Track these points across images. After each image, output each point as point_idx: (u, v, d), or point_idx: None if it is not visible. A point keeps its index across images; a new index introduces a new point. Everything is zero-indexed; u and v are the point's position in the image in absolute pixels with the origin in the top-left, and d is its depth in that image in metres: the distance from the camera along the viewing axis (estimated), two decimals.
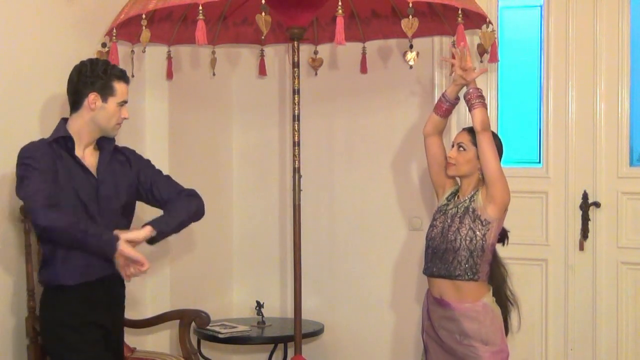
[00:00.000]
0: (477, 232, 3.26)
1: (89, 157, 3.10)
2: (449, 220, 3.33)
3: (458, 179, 3.42)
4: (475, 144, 3.29)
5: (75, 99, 3.06)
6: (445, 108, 3.42)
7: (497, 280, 3.39)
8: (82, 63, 3.10)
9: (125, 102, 3.10)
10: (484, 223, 3.27)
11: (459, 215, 3.31)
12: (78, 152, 3.06)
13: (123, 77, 3.10)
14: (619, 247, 4.19)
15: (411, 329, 4.46)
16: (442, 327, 3.34)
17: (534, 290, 4.30)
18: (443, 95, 3.42)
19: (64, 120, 3.13)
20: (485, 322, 3.27)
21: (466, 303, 3.27)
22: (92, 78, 3.03)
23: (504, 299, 3.41)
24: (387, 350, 4.60)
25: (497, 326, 3.30)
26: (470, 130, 3.33)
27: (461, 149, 3.33)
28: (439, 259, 3.32)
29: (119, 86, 3.06)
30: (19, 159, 3.00)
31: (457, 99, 3.41)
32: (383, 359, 4.62)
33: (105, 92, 3.04)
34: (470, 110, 3.28)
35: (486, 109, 3.28)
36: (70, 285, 3.02)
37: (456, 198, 3.39)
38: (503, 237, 3.42)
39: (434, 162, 3.47)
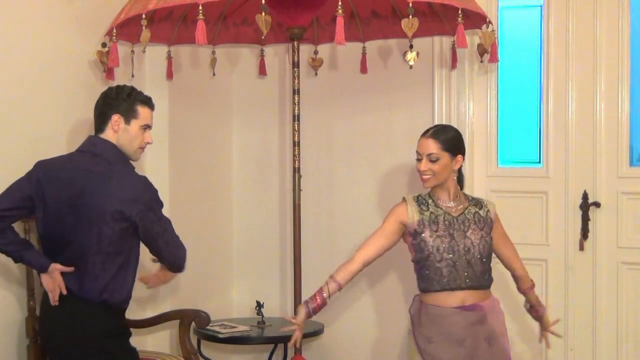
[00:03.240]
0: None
1: None
2: (463, 228, 3.24)
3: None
4: (445, 149, 3.22)
5: (100, 120, 3.16)
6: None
7: None
8: (109, 87, 3.23)
9: (148, 126, 3.18)
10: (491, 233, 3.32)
11: (475, 222, 3.26)
12: None
13: (147, 102, 3.19)
14: (619, 247, 4.19)
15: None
16: (469, 335, 3.21)
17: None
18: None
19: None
20: (502, 316, 3.35)
21: (487, 300, 3.29)
22: (116, 100, 3.13)
23: None
24: (387, 350, 4.60)
25: None
26: (434, 136, 3.23)
27: (434, 160, 3.21)
28: (467, 270, 3.22)
29: (142, 110, 3.16)
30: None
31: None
32: (383, 359, 4.62)
33: (129, 115, 3.12)
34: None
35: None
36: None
37: (438, 202, 3.28)
38: None
39: (383, 244, 3.35)
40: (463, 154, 3.29)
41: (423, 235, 3.25)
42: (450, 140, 3.25)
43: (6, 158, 3.48)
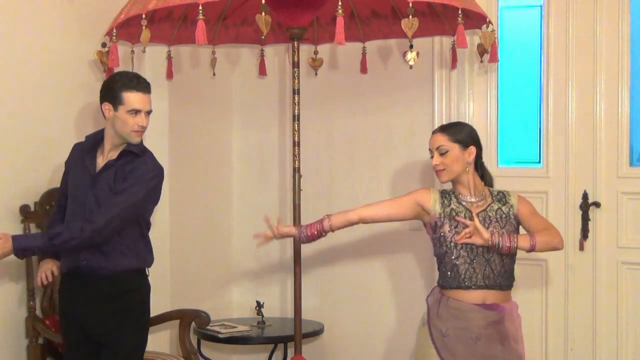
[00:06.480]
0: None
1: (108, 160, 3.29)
2: (483, 225, 3.16)
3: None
4: (454, 141, 3.21)
5: (100, 108, 3.30)
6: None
7: None
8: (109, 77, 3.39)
9: (134, 110, 3.21)
10: (519, 229, 3.25)
11: (497, 220, 3.21)
12: (101, 155, 3.29)
13: (134, 87, 3.22)
14: (619, 247, 4.18)
15: (411, 329, 4.46)
16: (485, 334, 3.17)
17: (534, 290, 4.30)
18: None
19: None
20: (518, 320, 3.30)
21: (507, 303, 3.25)
22: (104, 90, 3.26)
23: None
24: (386, 350, 4.60)
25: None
26: (443, 129, 3.27)
27: (444, 152, 3.22)
28: (485, 269, 3.18)
29: (127, 95, 3.20)
30: None
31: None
32: (383, 359, 4.62)
33: (115, 102, 3.21)
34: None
35: (530, 243, 3.18)
36: None
37: (460, 198, 3.25)
38: None
39: (390, 211, 3.32)
40: (477, 145, 3.26)
41: (442, 230, 3.22)
42: (459, 132, 3.25)
43: (6, 157, 3.48)
